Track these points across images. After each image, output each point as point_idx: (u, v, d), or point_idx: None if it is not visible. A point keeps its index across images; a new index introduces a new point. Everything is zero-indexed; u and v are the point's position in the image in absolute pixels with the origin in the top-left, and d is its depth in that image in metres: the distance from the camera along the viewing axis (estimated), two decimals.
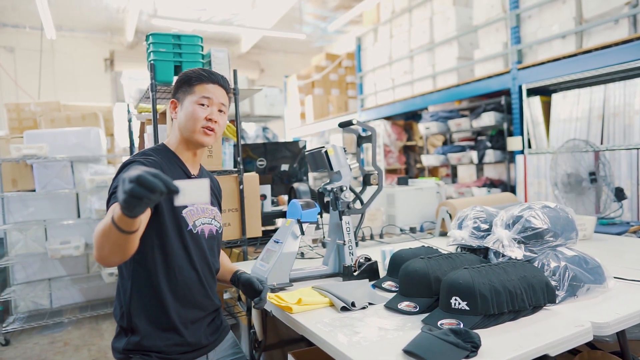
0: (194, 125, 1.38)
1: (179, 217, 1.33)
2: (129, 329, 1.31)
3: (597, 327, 1.19)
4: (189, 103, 1.39)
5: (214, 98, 1.41)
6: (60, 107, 5.03)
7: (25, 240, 4.29)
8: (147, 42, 2.31)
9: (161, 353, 1.29)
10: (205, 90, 1.40)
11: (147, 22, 7.94)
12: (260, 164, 2.93)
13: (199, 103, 1.39)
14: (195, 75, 1.41)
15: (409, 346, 1.06)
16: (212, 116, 1.40)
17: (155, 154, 1.37)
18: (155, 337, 1.29)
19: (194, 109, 1.38)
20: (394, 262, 1.66)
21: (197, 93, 1.39)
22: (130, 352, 1.30)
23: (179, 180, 0.96)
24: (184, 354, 1.33)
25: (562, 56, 3.56)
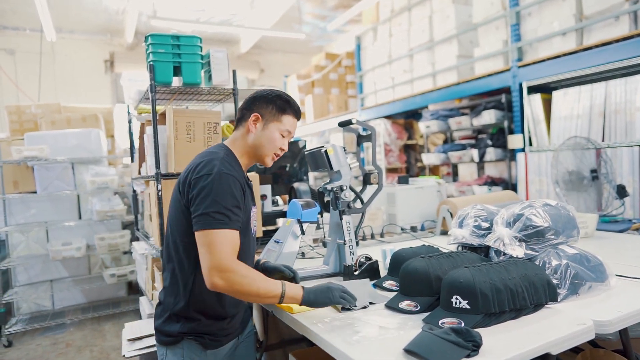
0: (270, 151, 1.49)
1: (248, 222, 1.44)
2: (184, 316, 1.41)
3: (599, 326, 1.19)
4: (274, 129, 1.48)
5: (293, 133, 1.54)
6: (61, 109, 5.03)
7: (27, 242, 4.30)
8: (146, 43, 2.31)
9: (213, 335, 1.43)
10: (291, 125, 1.51)
11: (147, 23, 7.93)
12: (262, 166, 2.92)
13: (282, 134, 1.50)
14: (293, 107, 1.52)
15: (410, 345, 1.06)
16: (284, 147, 1.52)
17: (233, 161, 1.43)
18: (209, 323, 1.42)
19: (276, 137, 1.49)
20: (395, 262, 1.65)
21: (284, 124, 1.49)
22: (184, 334, 1.41)
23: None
24: (226, 336, 1.48)
25: (562, 53, 3.55)
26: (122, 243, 4.39)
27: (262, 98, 1.50)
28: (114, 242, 4.35)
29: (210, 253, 1.25)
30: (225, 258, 1.25)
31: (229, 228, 1.29)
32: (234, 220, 1.30)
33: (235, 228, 1.31)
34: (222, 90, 2.53)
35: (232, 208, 1.31)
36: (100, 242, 4.29)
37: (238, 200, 1.33)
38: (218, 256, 1.25)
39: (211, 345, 1.42)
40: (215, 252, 1.25)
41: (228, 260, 1.25)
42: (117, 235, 4.38)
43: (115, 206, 4.30)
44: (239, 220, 1.33)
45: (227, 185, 1.31)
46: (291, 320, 1.41)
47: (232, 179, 1.33)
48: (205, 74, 2.52)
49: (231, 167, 1.38)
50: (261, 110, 1.48)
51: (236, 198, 1.32)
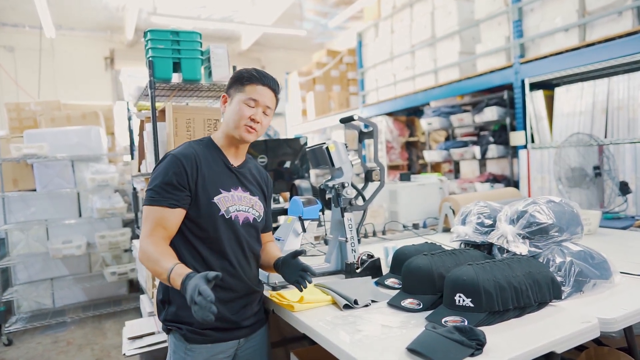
0: (238, 122, 1.46)
1: (212, 203, 1.41)
2: (166, 300, 1.43)
3: (604, 324, 1.17)
4: (237, 101, 1.47)
5: (260, 100, 1.47)
6: (61, 106, 5.02)
7: (27, 240, 4.29)
8: (145, 38, 2.29)
9: (192, 325, 1.37)
10: (255, 91, 1.47)
11: (147, 20, 7.91)
12: (262, 161, 2.91)
13: (246, 103, 1.46)
14: (248, 75, 1.48)
15: (413, 344, 1.04)
16: (256, 116, 1.47)
17: (196, 145, 1.48)
18: (188, 309, 1.24)
19: (240, 107, 1.46)
20: (397, 259, 1.64)
21: (246, 93, 1.47)
22: (169, 322, 1.41)
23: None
24: (216, 330, 1.39)
25: (565, 49, 3.52)
26: (122, 241, 4.38)
27: (231, 79, 1.53)
28: (115, 240, 4.35)
29: (142, 227, 1.37)
30: (144, 233, 1.34)
31: (157, 205, 1.35)
32: (164, 197, 1.35)
33: (165, 205, 1.34)
34: (222, 87, 2.51)
35: (162, 185, 1.36)
36: (101, 240, 4.28)
37: (172, 178, 1.36)
38: (142, 231, 1.36)
39: (193, 339, 1.37)
40: (142, 228, 1.36)
41: (145, 236, 1.34)
42: (118, 233, 4.37)
43: (115, 204, 4.29)
44: (174, 198, 1.35)
45: (167, 164, 1.38)
46: (292, 318, 1.39)
47: (173, 158, 1.39)
48: (205, 70, 2.50)
49: (186, 149, 1.43)
50: (228, 90, 1.52)
51: (169, 175, 1.36)
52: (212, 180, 1.43)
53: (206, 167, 1.43)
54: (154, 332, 2.56)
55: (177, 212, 1.36)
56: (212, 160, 1.46)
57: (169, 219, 1.35)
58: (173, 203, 1.35)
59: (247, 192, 1.51)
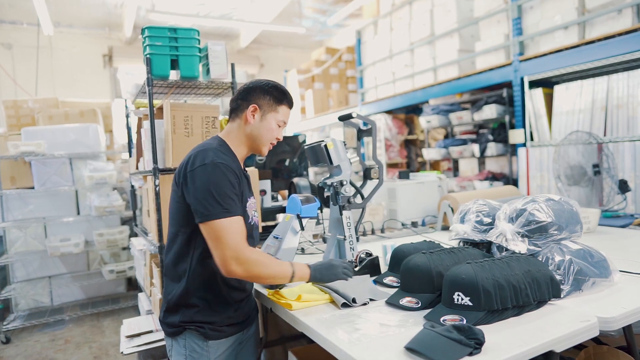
0: (267, 141, 1.53)
1: (245, 211, 1.46)
2: (183, 305, 1.43)
3: (603, 322, 1.17)
4: (272, 119, 1.52)
5: (287, 123, 1.58)
6: (59, 103, 4.99)
7: (24, 238, 4.28)
8: (143, 35, 2.27)
9: (214, 324, 1.43)
10: (286, 114, 1.55)
11: (145, 17, 7.88)
12: (260, 159, 2.90)
13: (278, 124, 1.54)
14: (289, 98, 1.56)
15: (411, 343, 1.04)
16: (280, 136, 1.56)
17: (226, 151, 1.47)
18: (210, 311, 1.43)
19: (274, 127, 1.52)
20: (396, 257, 1.63)
21: (280, 114, 1.53)
22: (186, 323, 1.42)
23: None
24: (231, 325, 1.47)
25: (564, 47, 3.52)
26: (120, 239, 4.37)
27: (259, 89, 1.52)
28: (113, 238, 4.33)
29: (224, 243, 1.29)
30: (239, 246, 1.30)
31: (233, 215, 1.32)
32: (235, 207, 1.34)
33: (239, 214, 1.35)
34: (220, 84, 2.50)
35: (231, 195, 1.34)
36: (99, 238, 4.27)
37: (235, 188, 1.37)
38: (232, 245, 1.29)
39: (213, 336, 1.42)
40: (229, 242, 1.29)
41: (242, 248, 1.31)
42: (116, 231, 4.36)
43: (113, 202, 4.28)
44: (239, 206, 1.37)
45: (222, 174, 1.35)
46: (290, 317, 1.39)
47: (225, 167, 1.36)
48: (204, 67, 2.49)
49: (225, 157, 1.41)
50: (259, 101, 1.51)
51: (233, 185, 1.36)
52: (243, 188, 1.47)
53: (240, 176, 1.46)
54: (152, 331, 2.56)
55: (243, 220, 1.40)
56: (237, 169, 1.47)
57: (245, 228, 1.37)
58: (240, 212, 1.38)
59: (252, 196, 1.58)
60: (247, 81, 1.59)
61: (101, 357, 3.38)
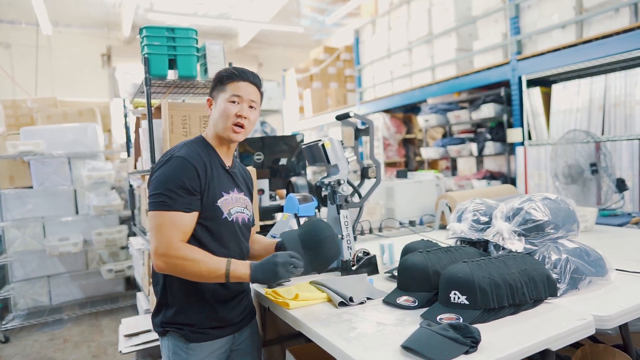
0: (225, 122, 1.46)
1: (216, 207, 1.42)
2: (165, 304, 1.42)
3: (599, 321, 1.17)
4: (221, 101, 1.47)
5: (244, 95, 1.47)
6: (57, 103, 4.99)
7: (23, 238, 4.28)
8: (140, 35, 2.27)
9: (193, 326, 1.40)
10: (237, 88, 1.47)
11: (144, 17, 7.87)
12: (258, 158, 2.91)
13: (230, 101, 1.46)
14: (227, 73, 1.48)
15: (408, 342, 1.04)
16: (242, 112, 1.47)
17: (197, 146, 1.47)
18: (189, 311, 1.40)
19: (225, 106, 1.46)
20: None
21: (228, 91, 1.47)
22: (166, 324, 1.41)
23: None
24: (214, 328, 1.43)
25: (562, 46, 3.52)
26: (119, 238, 4.37)
27: (212, 82, 1.53)
28: (112, 238, 4.33)
29: (155, 236, 1.30)
30: (167, 241, 1.28)
31: (173, 210, 1.31)
32: (179, 202, 1.32)
33: (181, 210, 1.32)
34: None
35: (176, 190, 1.32)
36: (98, 237, 4.27)
37: (185, 182, 1.33)
38: (160, 239, 1.28)
39: (194, 338, 1.39)
40: (159, 235, 1.29)
41: (169, 242, 1.28)
42: (115, 231, 4.36)
43: (112, 201, 4.28)
44: (188, 202, 1.33)
45: (175, 168, 1.35)
46: (288, 316, 1.39)
47: (183, 161, 1.36)
48: (201, 67, 2.49)
49: (191, 151, 1.41)
50: (212, 92, 1.52)
51: (182, 179, 1.33)
52: (216, 183, 1.43)
53: (209, 169, 1.43)
54: (150, 330, 2.56)
55: (192, 216, 1.35)
56: (212, 162, 1.46)
57: (187, 224, 1.34)
58: (188, 207, 1.34)
59: (241, 192, 1.54)
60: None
61: (100, 356, 3.39)
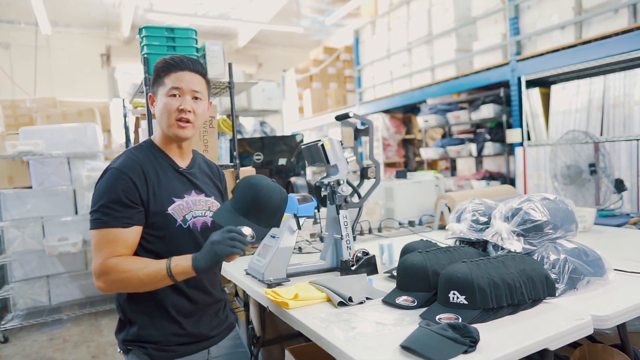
0: (168, 119, 1.32)
1: (167, 215, 1.30)
2: (126, 321, 1.33)
3: (597, 320, 1.17)
4: (161, 96, 1.33)
5: (184, 87, 1.32)
6: (56, 103, 4.99)
7: (22, 238, 4.27)
8: (140, 35, 2.28)
9: (157, 344, 1.29)
10: (176, 79, 1.32)
11: (143, 17, 7.88)
12: (257, 158, 2.91)
13: (170, 94, 1.32)
14: (163, 65, 1.33)
15: (407, 341, 1.05)
16: (184, 106, 1.32)
17: (138, 152, 1.34)
18: (151, 327, 1.30)
19: (165, 101, 1.32)
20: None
21: (167, 84, 1.32)
22: (129, 342, 1.31)
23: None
24: (182, 345, 1.32)
25: (561, 47, 3.53)
26: None
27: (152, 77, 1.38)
28: None
29: (94, 257, 1.22)
30: (102, 260, 1.20)
31: (109, 227, 1.21)
32: (115, 217, 1.21)
33: (119, 225, 1.22)
34: (217, 84, 2.50)
35: (111, 205, 1.22)
36: None
37: (120, 196, 1.22)
38: (97, 259, 1.21)
39: (158, 357, 1.29)
40: (95, 255, 1.22)
41: (105, 261, 1.20)
42: None
43: None
44: (127, 216, 1.23)
45: (110, 181, 1.24)
46: (287, 316, 1.39)
47: (117, 173, 1.25)
48: None
49: (129, 160, 1.29)
50: (152, 89, 1.38)
51: (117, 193, 1.22)
52: (164, 189, 1.31)
53: (154, 176, 1.30)
54: None
55: (133, 230, 1.24)
56: (158, 167, 1.33)
57: (127, 239, 1.23)
58: (127, 222, 1.23)
59: (202, 194, 1.42)
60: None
61: (99, 356, 3.39)
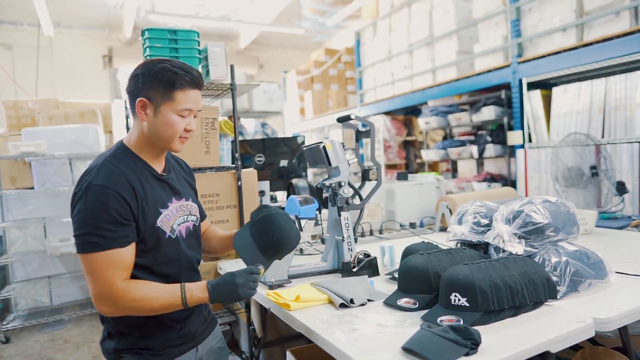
0: (172, 137, 1.26)
1: (156, 228, 1.26)
2: (116, 333, 1.29)
3: (599, 323, 1.17)
4: (168, 112, 1.23)
5: (194, 108, 1.27)
6: (59, 104, 5.00)
7: (24, 238, 4.28)
8: (143, 37, 2.28)
9: (152, 349, 1.28)
10: (188, 99, 1.24)
11: (145, 18, 7.90)
12: (259, 159, 2.91)
13: (180, 114, 1.24)
14: (173, 78, 1.22)
15: (408, 343, 1.05)
16: (192, 127, 1.29)
17: (116, 161, 1.24)
18: (148, 337, 1.28)
19: (173, 120, 1.24)
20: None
21: (178, 102, 1.23)
22: (121, 351, 1.28)
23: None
24: (175, 347, 1.32)
25: (562, 49, 3.53)
26: None
27: (144, 76, 1.22)
28: None
29: (92, 281, 1.15)
30: (107, 285, 1.14)
31: (107, 249, 1.14)
32: (112, 238, 1.15)
33: (118, 246, 1.16)
34: (219, 86, 2.51)
35: (105, 225, 1.14)
36: None
37: (113, 215, 1.15)
38: (99, 283, 1.14)
39: None
40: (96, 280, 1.14)
41: (110, 286, 1.14)
42: None
43: None
44: (124, 235, 1.17)
45: (98, 201, 1.14)
46: (288, 317, 1.40)
47: (105, 191, 1.15)
48: (203, 68, 2.50)
49: (112, 173, 1.19)
50: (146, 92, 1.22)
51: (109, 213, 1.14)
52: (150, 202, 1.25)
53: (140, 189, 1.23)
54: None
55: (131, 248, 1.19)
56: (142, 177, 1.25)
57: (127, 259, 1.18)
58: (125, 241, 1.17)
59: (182, 198, 1.36)
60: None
61: (100, 357, 3.39)
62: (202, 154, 2.34)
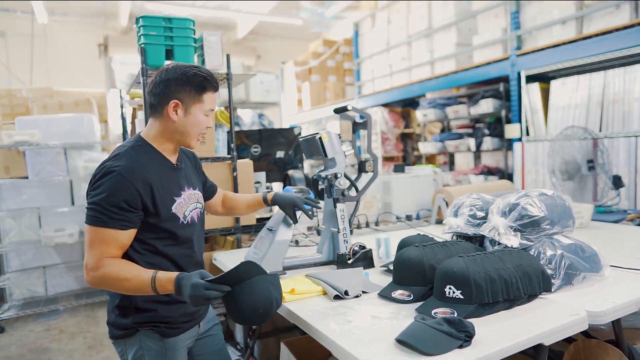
0: (196, 135, 1.42)
1: (172, 215, 1.36)
2: (135, 307, 1.36)
3: (592, 316, 1.18)
4: (197, 112, 1.39)
5: (215, 108, 1.46)
6: (53, 93, 4.96)
7: (19, 228, 4.26)
8: (137, 25, 2.25)
9: (169, 323, 1.39)
10: (212, 101, 1.42)
11: (141, 7, 7.80)
12: (255, 150, 2.90)
13: (206, 114, 1.42)
14: (201, 81, 1.38)
15: (402, 335, 1.05)
16: (210, 124, 1.45)
17: (137, 154, 1.35)
18: (167, 311, 1.38)
19: (202, 119, 1.41)
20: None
21: (205, 103, 1.40)
22: (140, 325, 1.36)
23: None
24: (185, 322, 1.44)
25: (561, 42, 3.51)
26: None
27: (176, 80, 1.36)
28: None
29: (87, 250, 1.26)
30: (95, 256, 1.24)
31: (107, 227, 1.24)
32: (114, 219, 1.24)
33: (117, 227, 1.25)
34: (215, 75, 2.48)
35: (112, 208, 1.24)
36: None
37: (121, 203, 1.25)
38: (90, 254, 1.25)
39: (169, 334, 1.39)
40: (90, 250, 1.25)
41: (96, 259, 1.23)
42: None
43: None
44: (126, 219, 1.26)
45: (114, 187, 1.25)
46: (283, 309, 1.39)
47: (122, 181, 1.25)
48: (199, 58, 2.47)
49: (132, 165, 1.29)
50: (179, 95, 1.36)
51: (119, 200, 1.24)
52: (166, 190, 1.36)
53: (157, 179, 1.33)
54: None
55: (129, 232, 1.28)
56: (158, 168, 1.37)
57: (122, 240, 1.27)
58: (124, 225, 1.26)
59: (191, 187, 1.48)
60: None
61: (95, 347, 3.39)
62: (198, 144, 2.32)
